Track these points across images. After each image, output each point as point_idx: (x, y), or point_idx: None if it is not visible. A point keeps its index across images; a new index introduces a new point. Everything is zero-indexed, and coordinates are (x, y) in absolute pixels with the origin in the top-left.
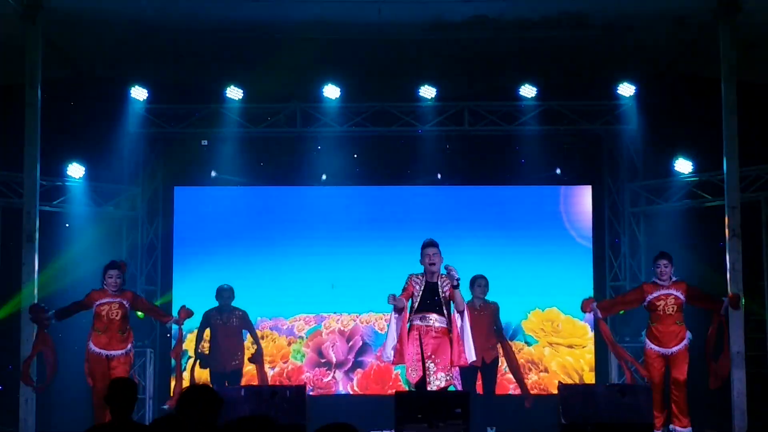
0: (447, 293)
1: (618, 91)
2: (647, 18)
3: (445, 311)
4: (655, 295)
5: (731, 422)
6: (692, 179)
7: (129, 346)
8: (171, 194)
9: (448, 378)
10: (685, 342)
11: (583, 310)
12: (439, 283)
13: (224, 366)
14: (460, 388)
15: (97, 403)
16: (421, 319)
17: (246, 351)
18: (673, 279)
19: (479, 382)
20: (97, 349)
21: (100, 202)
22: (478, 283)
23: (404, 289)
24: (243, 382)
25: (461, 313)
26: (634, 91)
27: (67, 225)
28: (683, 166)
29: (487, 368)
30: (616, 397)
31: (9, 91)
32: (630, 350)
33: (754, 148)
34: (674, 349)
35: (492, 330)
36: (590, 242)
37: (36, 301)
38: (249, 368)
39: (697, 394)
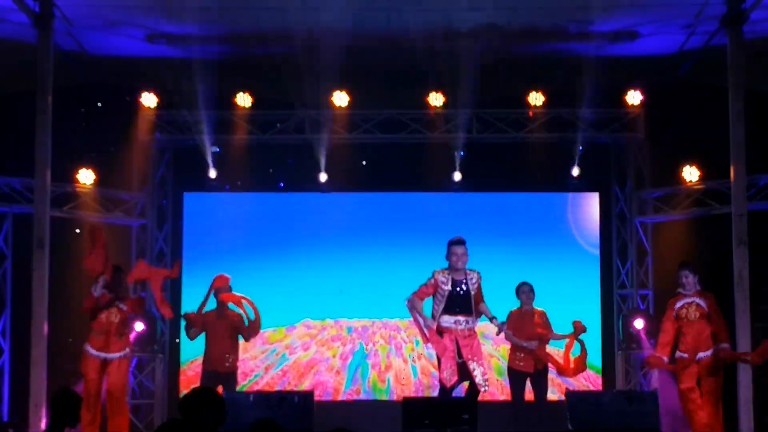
0: (475, 290)
1: (626, 100)
2: (655, 26)
3: (472, 311)
4: (679, 304)
5: (737, 429)
6: (699, 187)
7: (127, 350)
8: (180, 201)
9: (487, 381)
10: (709, 352)
11: (653, 366)
12: (466, 279)
13: (216, 366)
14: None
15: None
16: (455, 323)
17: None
18: (698, 288)
19: (528, 388)
20: (94, 352)
21: (110, 209)
22: (523, 290)
23: (427, 285)
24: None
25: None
26: (641, 100)
27: (77, 231)
28: (690, 174)
29: (539, 375)
30: (623, 404)
31: (20, 99)
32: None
33: (761, 156)
34: (701, 355)
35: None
36: (598, 249)
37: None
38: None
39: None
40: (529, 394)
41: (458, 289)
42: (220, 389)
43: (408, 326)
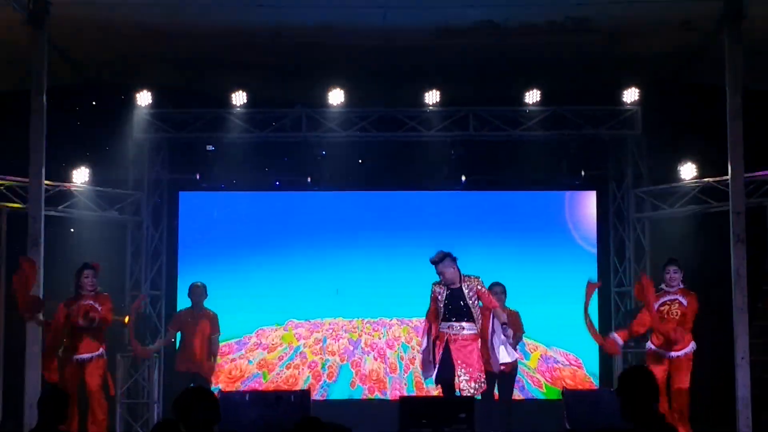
0: (473, 298)
1: (623, 97)
2: (653, 23)
3: (474, 316)
4: (660, 301)
5: (736, 428)
6: (697, 185)
7: (101, 350)
8: (176, 199)
9: (477, 387)
10: (687, 350)
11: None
12: (463, 287)
13: (188, 367)
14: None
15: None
16: (449, 328)
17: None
18: (682, 287)
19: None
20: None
21: (105, 207)
22: (494, 290)
23: (431, 302)
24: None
25: (503, 324)
26: (638, 97)
27: (72, 230)
28: (688, 171)
29: (506, 376)
30: None
31: (15, 97)
32: (637, 356)
33: (759, 154)
34: (674, 354)
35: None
36: (595, 247)
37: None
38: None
39: (701, 400)
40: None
41: (453, 298)
42: None
43: (405, 327)
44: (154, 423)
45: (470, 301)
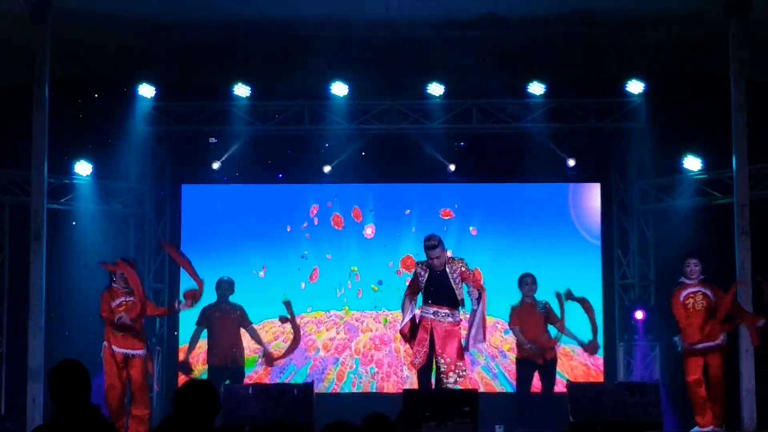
0: (458, 281)
1: (627, 89)
2: (657, 15)
3: (457, 300)
4: (684, 294)
5: (740, 420)
6: (701, 177)
7: (145, 347)
8: (179, 192)
9: (458, 378)
10: (718, 342)
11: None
12: (448, 271)
13: (222, 361)
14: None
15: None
16: (434, 314)
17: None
18: (702, 277)
19: (536, 381)
20: (117, 349)
21: (107, 200)
22: (525, 281)
23: (412, 280)
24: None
25: (477, 299)
26: (643, 89)
27: (74, 223)
28: (692, 163)
29: (546, 367)
30: (625, 395)
31: (17, 90)
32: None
33: (763, 146)
34: (706, 345)
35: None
36: (599, 240)
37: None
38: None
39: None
40: (535, 388)
41: (436, 279)
42: None
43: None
44: (157, 416)
45: (454, 285)
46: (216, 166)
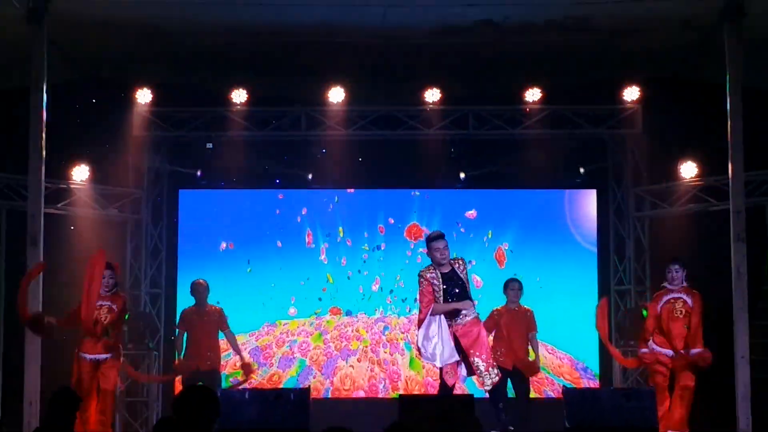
0: (466, 278)
1: (623, 95)
2: (653, 21)
3: (471, 297)
4: (664, 299)
5: (736, 427)
6: (697, 183)
7: (115, 351)
8: (175, 197)
9: (498, 371)
10: (694, 350)
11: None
12: (454, 268)
13: (197, 364)
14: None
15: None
16: (454, 319)
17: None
18: (685, 284)
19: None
20: (86, 355)
21: (104, 205)
22: (511, 286)
23: (423, 291)
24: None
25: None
26: (639, 95)
27: (71, 228)
28: (688, 170)
29: (518, 374)
30: (621, 401)
31: (14, 94)
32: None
33: (759, 153)
34: (683, 353)
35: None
36: (595, 246)
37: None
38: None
39: (701, 400)
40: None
41: (448, 280)
42: None
43: (405, 323)
44: (153, 421)
45: (465, 281)
46: (199, 173)
